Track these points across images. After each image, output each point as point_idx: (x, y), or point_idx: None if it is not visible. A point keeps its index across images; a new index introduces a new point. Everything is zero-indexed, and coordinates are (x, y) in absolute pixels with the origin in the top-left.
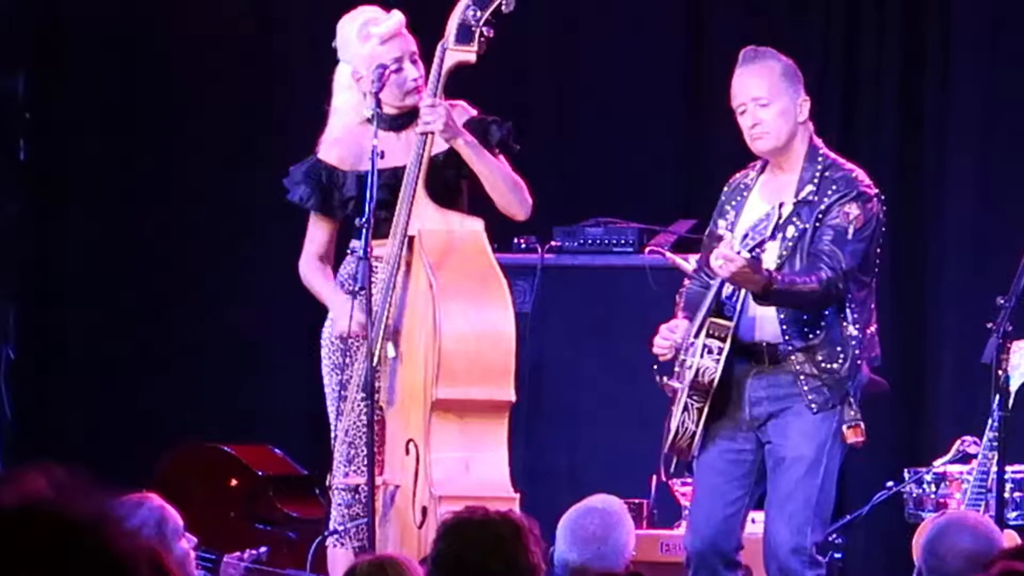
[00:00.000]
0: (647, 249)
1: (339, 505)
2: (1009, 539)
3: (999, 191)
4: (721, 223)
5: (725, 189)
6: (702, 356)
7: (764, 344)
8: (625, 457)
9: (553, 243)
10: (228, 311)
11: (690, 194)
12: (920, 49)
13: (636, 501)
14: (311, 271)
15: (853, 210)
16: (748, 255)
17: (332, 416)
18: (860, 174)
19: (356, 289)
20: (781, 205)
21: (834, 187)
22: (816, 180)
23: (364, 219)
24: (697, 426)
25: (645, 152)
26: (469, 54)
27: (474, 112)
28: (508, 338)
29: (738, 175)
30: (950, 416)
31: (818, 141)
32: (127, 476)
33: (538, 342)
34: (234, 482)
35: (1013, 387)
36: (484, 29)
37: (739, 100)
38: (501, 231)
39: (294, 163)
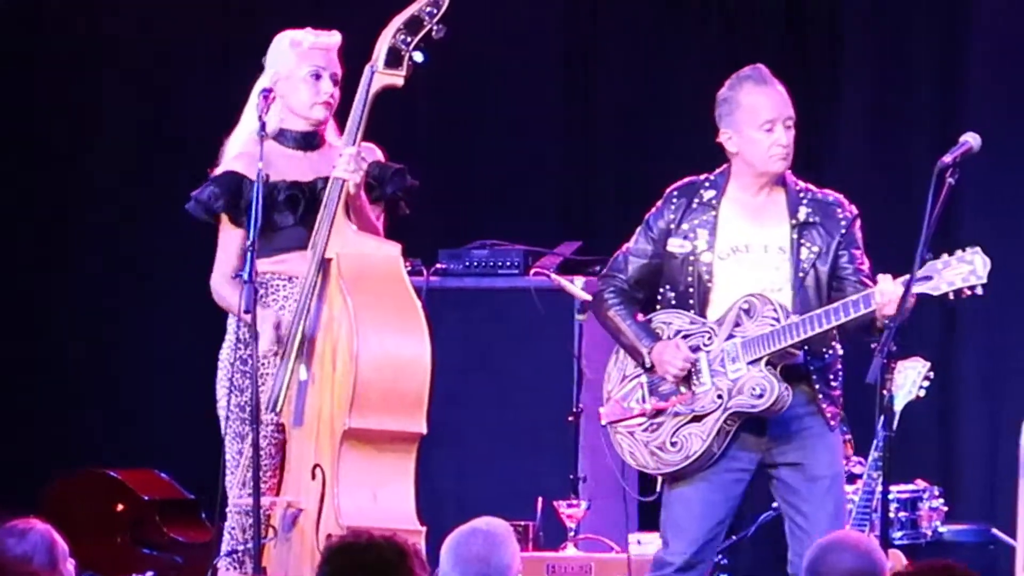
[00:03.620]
0: (533, 271)
1: (232, 528)
2: (894, 559)
3: (883, 217)
4: (678, 242)
5: (670, 211)
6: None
7: (781, 367)
8: (512, 480)
9: (439, 265)
10: (114, 334)
11: (575, 216)
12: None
13: (522, 523)
14: (224, 287)
15: (858, 233)
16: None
17: (228, 436)
18: (840, 196)
19: (240, 313)
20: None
21: (838, 210)
22: (805, 202)
23: (250, 243)
24: (719, 448)
25: (530, 174)
26: (397, 78)
27: (380, 156)
28: (424, 369)
29: (681, 191)
30: None
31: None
32: (10, 502)
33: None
34: (120, 507)
35: (898, 407)
36: (413, 54)
37: (772, 115)
38: None
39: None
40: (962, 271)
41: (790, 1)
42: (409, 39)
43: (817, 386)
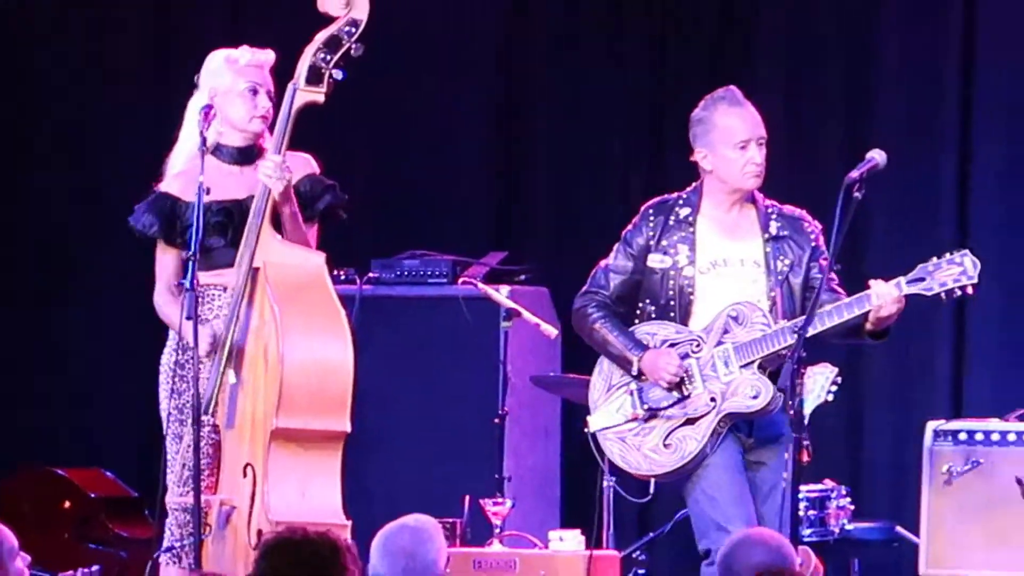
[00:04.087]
0: (460, 280)
1: (171, 524)
2: (803, 555)
3: (811, 192)
4: (658, 258)
5: (647, 228)
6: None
7: (768, 371)
8: (440, 479)
9: (371, 274)
10: (63, 340)
11: (500, 228)
12: None
13: (450, 521)
14: (166, 304)
15: (823, 245)
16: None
17: (169, 437)
18: (804, 212)
19: (183, 319)
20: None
21: (804, 224)
22: (775, 217)
23: (191, 253)
24: (712, 449)
25: (458, 187)
26: (318, 95)
27: (316, 169)
28: (347, 371)
29: (656, 209)
30: None
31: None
32: None
33: (356, 369)
34: (67, 504)
35: (807, 411)
36: (333, 72)
37: (747, 135)
38: None
39: (136, 200)
40: (953, 272)
41: (710, 34)
42: (329, 57)
43: (786, 391)
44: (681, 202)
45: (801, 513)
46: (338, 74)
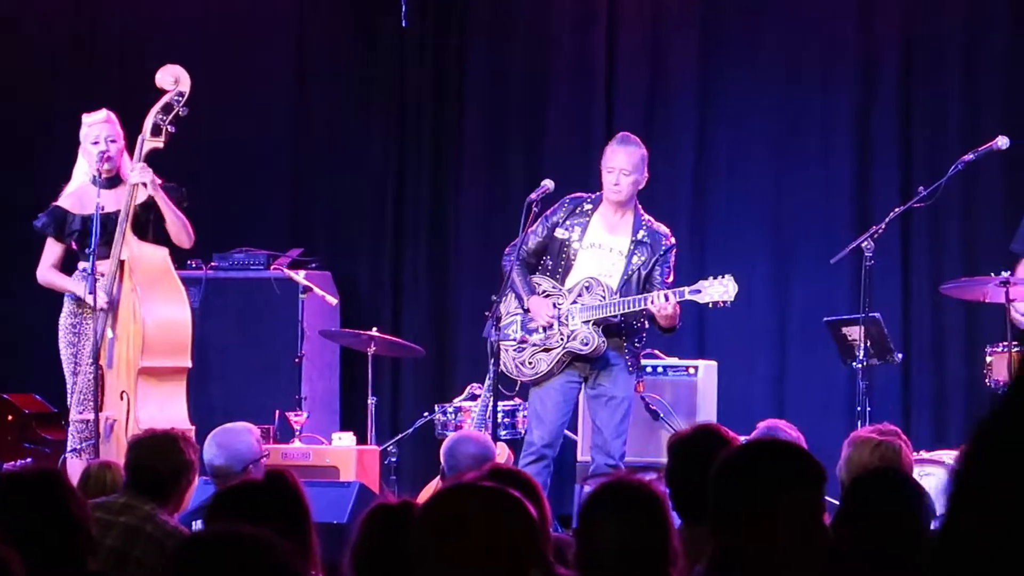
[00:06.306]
0: (272, 267)
1: (74, 432)
2: (500, 448)
3: (504, 204)
4: (562, 231)
5: (562, 211)
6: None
7: (602, 327)
8: (259, 399)
9: (213, 264)
10: (10, 313)
11: (297, 230)
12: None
13: (265, 426)
14: (50, 274)
15: (672, 258)
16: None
17: (68, 374)
18: (668, 230)
19: (86, 294)
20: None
21: (663, 239)
22: (645, 229)
23: (91, 249)
24: (559, 371)
25: (269, 206)
26: (158, 143)
27: (160, 180)
28: (187, 326)
29: (572, 200)
30: (464, 370)
31: (638, 204)
32: None
33: (202, 327)
34: (10, 417)
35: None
36: (168, 127)
37: (612, 165)
38: (179, 256)
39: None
40: (720, 289)
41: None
42: (165, 117)
43: (625, 343)
44: (588, 201)
45: (499, 420)
46: (171, 128)
